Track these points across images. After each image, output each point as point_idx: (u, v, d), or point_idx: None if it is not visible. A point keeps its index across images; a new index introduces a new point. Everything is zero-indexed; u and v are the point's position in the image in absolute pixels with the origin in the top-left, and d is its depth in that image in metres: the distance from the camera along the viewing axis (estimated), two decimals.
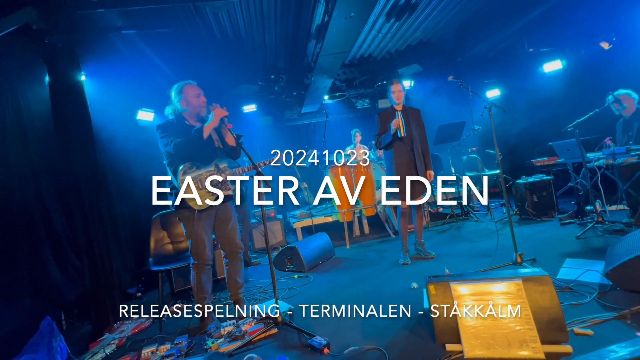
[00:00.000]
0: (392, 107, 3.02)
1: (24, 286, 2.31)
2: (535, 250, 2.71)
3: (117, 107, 3.46)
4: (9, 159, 2.30)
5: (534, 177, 3.90)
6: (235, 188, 2.29)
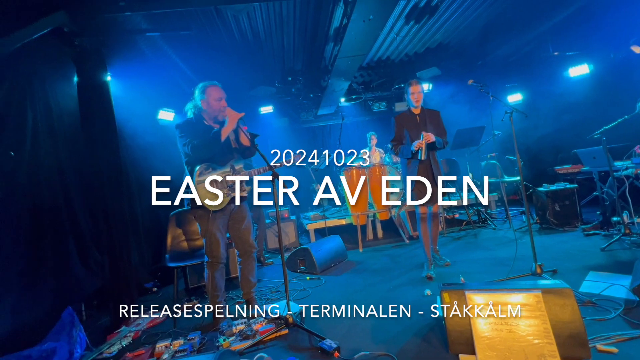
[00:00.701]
0: (410, 110, 2.84)
1: (48, 277, 2.42)
2: (557, 261, 2.61)
3: (139, 106, 3.57)
4: (39, 158, 2.41)
5: (556, 185, 3.76)
6: (252, 189, 2.32)
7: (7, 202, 2.16)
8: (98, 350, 2.04)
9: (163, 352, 1.85)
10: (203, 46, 4.38)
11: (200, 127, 2.24)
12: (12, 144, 2.19)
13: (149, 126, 4.04)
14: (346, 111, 6.85)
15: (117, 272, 2.56)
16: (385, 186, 4.06)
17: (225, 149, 2.24)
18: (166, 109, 4.45)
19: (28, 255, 2.28)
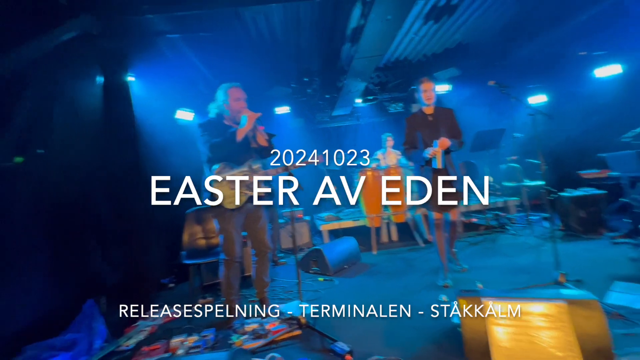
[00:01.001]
0: (422, 111, 2.69)
1: (71, 270, 2.51)
2: (581, 270, 2.49)
3: (158, 106, 3.66)
4: (64, 156, 2.50)
5: (581, 191, 3.60)
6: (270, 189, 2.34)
7: (36, 199, 2.26)
8: (116, 342, 2.10)
9: (178, 347, 1.88)
10: (221, 47, 4.45)
11: (220, 126, 2.29)
12: (41, 143, 2.29)
13: (168, 125, 4.14)
14: (362, 112, 6.81)
15: (134, 268, 2.64)
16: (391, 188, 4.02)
17: (242, 149, 2.26)
18: (184, 108, 4.54)
19: (53, 250, 2.37)
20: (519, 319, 1.42)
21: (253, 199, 2.26)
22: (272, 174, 2.29)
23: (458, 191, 2.49)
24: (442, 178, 2.42)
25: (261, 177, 2.29)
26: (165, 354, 1.85)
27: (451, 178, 2.48)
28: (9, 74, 2.12)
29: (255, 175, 2.28)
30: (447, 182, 2.46)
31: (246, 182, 2.24)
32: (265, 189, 2.30)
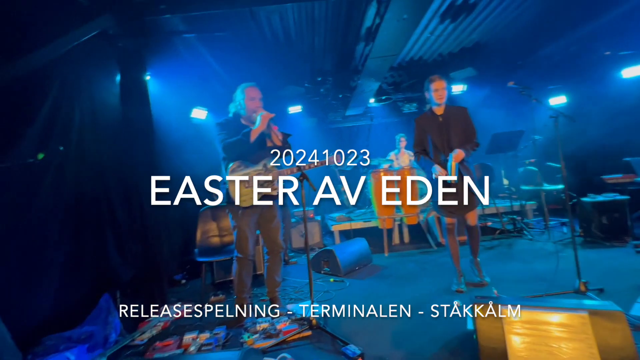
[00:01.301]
0: (432, 110, 2.54)
1: (88, 265, 2.58)
2: (603, 279, 2.39)
3: (174, 104, 3.73)
4: (83, 153, 2.58)
5: (604, 196, 3.46)
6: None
7: (56, 194, 2.32)
8: (130, 336, 2.14)
9: (190, 344, 1.91)
10: (236, 47, 4.48)
11: (236, 126, 2.33)
12: (61, 140, 2.35)
13: (183, 124, 4.20)
14: (375, 112, 6.74)
15: (148, 264, 2.68)
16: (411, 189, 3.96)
17: (257, 148, 2.29)
18: (199, 107, 4.61)
19: (71, 244, 2.44)
20: (538, 329, 1.37)
21: (267, 198, 2.28)
22: (286, 173, 2.29)
23: (473, 195, 2.36)
24: (453, 188, 2.32)
25: (275, 177, 2.29)
26: (177, 350, 1.87)
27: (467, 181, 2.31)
28: (33, 73, 2.18)
29: (270, 175, 2.28)
30: (459, 187, 2.34)
31: (261, 181, 2.26)
32: (279, 189, 2.31)
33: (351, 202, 3.18)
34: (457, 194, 2.33)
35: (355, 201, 2.28)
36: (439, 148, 2.46)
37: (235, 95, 2.41)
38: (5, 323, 1.74)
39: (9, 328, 1.76)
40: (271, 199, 2.33)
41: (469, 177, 2.31)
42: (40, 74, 2.24)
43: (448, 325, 1.92)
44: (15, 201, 2.04)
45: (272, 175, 2.30)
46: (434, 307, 2.23)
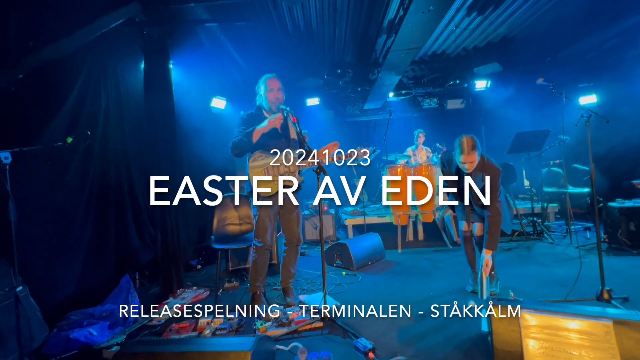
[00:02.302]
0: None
1: (110, 247, 2.68)
2: (628, 287, 2.29)
3: (195, 93, 3.78)
4: (108, 139, 2.66)
5: (634, 202, 3.30)
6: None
7: (82, 177, 2.42)
8: (149, 317, 2.22)
9: (205, 327, 1.96)
10: (257, 37, 4.49)
11: (258, 118, 2.36)
12: (88, 125, 2.43)
13: (203, 112, 4.26)
14: (394, 106, 6.63)
15: (166, 248, 2.76)
16: None
17: (278, 138, 2.31)
18: (219, 96, 4.66)
19: (95, 226, 2.54)
20: (558, 335, 1.33)
21: (288, 189, 2.30)
22: (305, 165, 2.29)
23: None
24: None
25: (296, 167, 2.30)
26: (193, 333, 1.93)
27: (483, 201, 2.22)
28: (63, 59, 2.25)
29: (290, 165, 2.30)
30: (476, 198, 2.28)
31: (281, 171, 2.28)
32: (298, 180, 2.33)
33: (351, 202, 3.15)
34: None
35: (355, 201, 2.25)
36: (457, 199, 2.43)
37: (257, 88, 2.43)
38: (33, 298, 1.84)
39: (37, 303, 1.86)
40: (292, 189, 2.34)
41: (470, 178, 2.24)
42: (69, 61, 2.31)
43: (462, 326, 1.90)
44: (44, 183, 2.13)
45: (293, 165, 2.30)
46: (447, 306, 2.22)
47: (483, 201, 2.18)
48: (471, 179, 2.21)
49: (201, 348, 1.24)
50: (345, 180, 2.43)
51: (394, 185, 4.10)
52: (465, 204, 2.41)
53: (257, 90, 2.42)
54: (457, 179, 2.38)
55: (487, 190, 2.17)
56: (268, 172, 2.30)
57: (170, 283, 2.76)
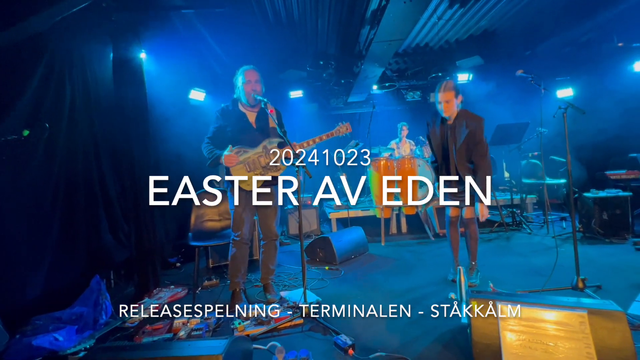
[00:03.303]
0: (442, 118, 2.44)
1: (80, 245, 2.54)
2: (601, 276, 2.36)
3: (171, 84, 3.60)
4: (75, 131, 2.49)
5: (606, 192, 3.40)
6: None
7: (45, 172, 2.26)
8: (121, 319, 2.12)
9: (180, 328, 1.88)
10: (236, 27, 4.33)
11: (235, 113, 2.31)
12: (52, 116, 2.27)
13: (180, 104, 4.09)
14: (378, 99, 6.60)
15: (141, 246, 2.65)
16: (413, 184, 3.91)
17: (257, 131, 2.28)
18: (197, 88, 4.49)
19: (63, 224, 2.39)
20: (534, 326, 1.33)
21: (269, 183, 2.27)
22: (287, 155, 2.23)
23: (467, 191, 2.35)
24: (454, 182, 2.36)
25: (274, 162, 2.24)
26: (167, 334, 1.85)
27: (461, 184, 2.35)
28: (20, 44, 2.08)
29: (270, 158, 2.23)
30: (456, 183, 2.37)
31: (262, 163, 2.24)
32: (277, 173, 2.27)
33: (351, 202, 3.21)
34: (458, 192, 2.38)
35: (355, 201, 2.25)
36: (442, 158, 2.44)
37: (235, 80, 2.35)
38: None
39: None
40: (273, 183, 2.30)
41: (470, 178, 2.29)
42: (28, 46, 2.14)
43: (442, 318, 1.89)
44: (1, 179, 1.98)
45: (273, 156, 2.24)
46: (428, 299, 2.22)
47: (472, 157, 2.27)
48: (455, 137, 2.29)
49: (170, 353, 1.17)
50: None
51: (377, 179, 4.09)
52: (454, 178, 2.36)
53: (234, 82, 2.35)
54: (441, 140, 2.41)
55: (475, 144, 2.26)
56: (249, 167, 2.23)
57: (146, 282, 2.66)
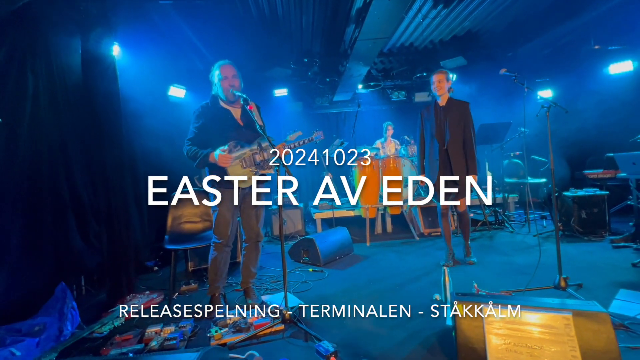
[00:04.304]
0: (435, 102, 2.82)
1: (46, 250, 2.36)
2: (581, 274, 2.38)
3: (148, 80, 3.44)
4: (40, 124, 2.31)
5: (584, 191, 3.47)
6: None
7: (4, 168, 2.08)
8: (89, 328, 1.97)
9: (152, 338, 1.77)
10: (217, 21, 4.19)
11: (215, 111, 2.22)
12: (11, 109, 2.10)
13: (159, 101, 3.93)
14: (363, 99, 6.58)
15: (114, 250, 2.50)
16: None
17: (249, 128, 2.21)
18: (177, 85, 4.33)
19: (26, 228, 2.22)
20: (520, 329, 1.30)
21: (256, 181, 2.20)
22: (280, 152, 2.15)
23: (463, 184, 2.67)
24: (445, 178, 2.65)
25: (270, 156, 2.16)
26: (137, 345, 1.73)
27: (454, 178, 2.65)
28: None
29: (265, 154, 2.16)
30: (450, 173, 2.69)
31: (256, 160, 2.17)
32: (270, 171, 2.19)
33: (352, 202, 3.43)
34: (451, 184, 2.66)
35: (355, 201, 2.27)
36: (435, 136, 2.74)
37: (211, 76, 2.25)
38: None
39: None
40: (263, 182, 2.24)
41: (470, 177, 2.62)
42: None
43: (427, 320, 1.86)
44: None
45: (267, 154, 2.17)
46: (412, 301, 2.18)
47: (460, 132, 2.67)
48: (447, 117, 2.70)
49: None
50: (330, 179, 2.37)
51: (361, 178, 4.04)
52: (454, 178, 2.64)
53: (211, 79, 2.25)
54: (437, 120, 2.75)
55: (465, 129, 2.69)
56: (245, 163, 2.15)
57: (119, 288, 2.51)
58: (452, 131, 2.68)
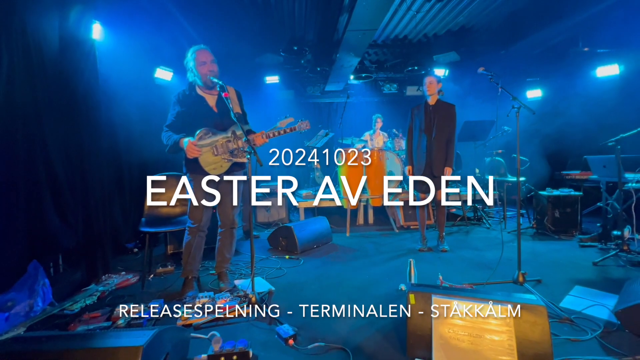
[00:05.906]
0: (426, 102, 3.06)
1: (20, 229, 2.37)
2: (544, 270, 2.48)
3: (131, 60, 3.39)
4: (15, 98, 2.28)
5: (560, 191, 3.56)
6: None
7: None
8: (60, 305, 2.02)
9: (119, 317, 1.81)
10: (208, 4, 4.12)
11: (193, 99, 2.21)
12: None
13: (144, 83, 3.87)
14: (355, 90, 6.56)
15: (90, 229, 2.53)
16: None
17: (224, 116, 2.19)
18: (164, 67, 4.26)
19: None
20: (465, 319, 1.37)
21: (236, 167, 2.22)
22: (257, 142, 2.16)
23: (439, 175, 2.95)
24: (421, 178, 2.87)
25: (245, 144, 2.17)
26: (105, 323, 1.78)
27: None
28: None
29: (239, 142, 2.16)
30: (430, 171, 2.98)
31: (229, 148, 2.17)
32: (243, 159, 2.20)
33: (352, 202, 3.82)
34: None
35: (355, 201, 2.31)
36: (424, 131, 3.02)
37: (186, 63, 2.21)
38: None
39: None
40: (239, 169, 2.25)
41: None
42: None
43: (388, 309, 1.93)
44: None
45: (240, 142, 2.17)
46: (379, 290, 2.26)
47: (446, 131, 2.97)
48: (435, 115, 2.99)
49: (87, 344, 1.11)
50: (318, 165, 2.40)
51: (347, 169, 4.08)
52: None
53: (186, 65, 2.21)
54: (426, 118, 3.01)
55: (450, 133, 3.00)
56: (216, 150, 2.15)
57: (94, 268, 2.55)
58: (438, 128, 2.98)
